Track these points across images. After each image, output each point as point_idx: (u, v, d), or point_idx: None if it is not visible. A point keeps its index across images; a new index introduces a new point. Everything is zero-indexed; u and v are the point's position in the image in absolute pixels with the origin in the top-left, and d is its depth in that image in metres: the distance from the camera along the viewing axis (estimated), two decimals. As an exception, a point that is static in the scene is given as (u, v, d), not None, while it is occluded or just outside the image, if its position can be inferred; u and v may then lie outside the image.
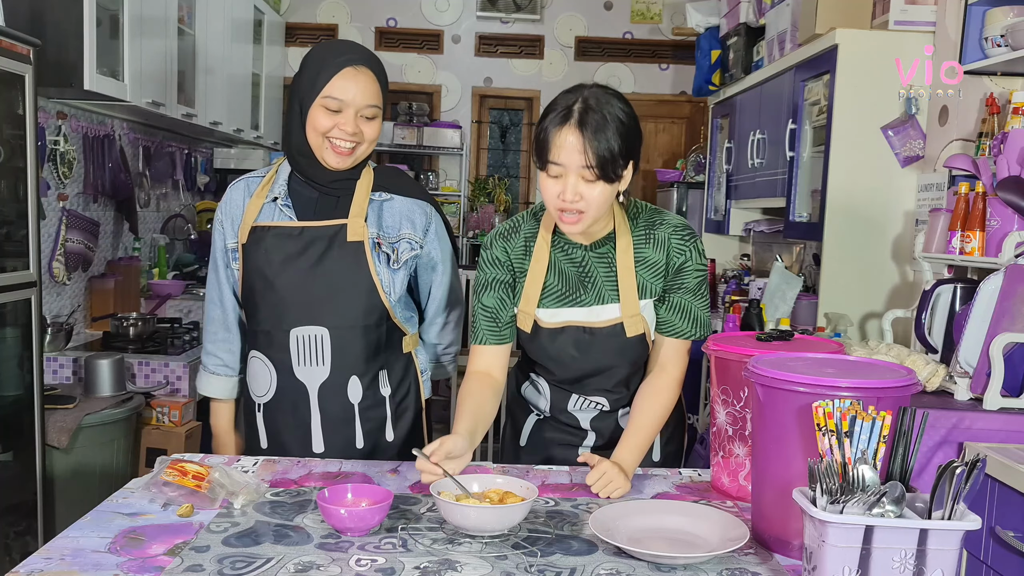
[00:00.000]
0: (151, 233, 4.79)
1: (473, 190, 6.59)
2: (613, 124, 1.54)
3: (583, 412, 1.83)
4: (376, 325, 1.86)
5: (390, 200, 1.88)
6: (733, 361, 1.60)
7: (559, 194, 1.56)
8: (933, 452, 2.06)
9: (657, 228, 1.71)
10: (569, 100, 1.56)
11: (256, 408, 1.92)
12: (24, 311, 2.80)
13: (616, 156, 1.54)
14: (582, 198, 1.56)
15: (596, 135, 1.52)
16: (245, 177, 1.93)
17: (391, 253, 1.85)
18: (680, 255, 1.70)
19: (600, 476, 1.59)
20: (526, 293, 1.73)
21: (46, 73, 2.96)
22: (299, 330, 1.83)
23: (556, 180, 1.57)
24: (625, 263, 1.69)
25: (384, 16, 6.42)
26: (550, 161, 1.56)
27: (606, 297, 1.72)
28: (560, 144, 1.54)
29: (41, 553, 1.30)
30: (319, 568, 1.26)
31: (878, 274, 3.05)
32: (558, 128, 1.54)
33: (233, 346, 1.97)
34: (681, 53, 6.28)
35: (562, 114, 1.55)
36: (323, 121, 1.76)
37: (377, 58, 1.84)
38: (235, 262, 1.88)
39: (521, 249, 1.74)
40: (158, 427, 3.43)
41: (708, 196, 4.75)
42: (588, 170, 1.54)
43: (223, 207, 1.90)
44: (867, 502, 1.14)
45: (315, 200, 1.86)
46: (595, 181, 1.55)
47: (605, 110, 1.54)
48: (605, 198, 1.58)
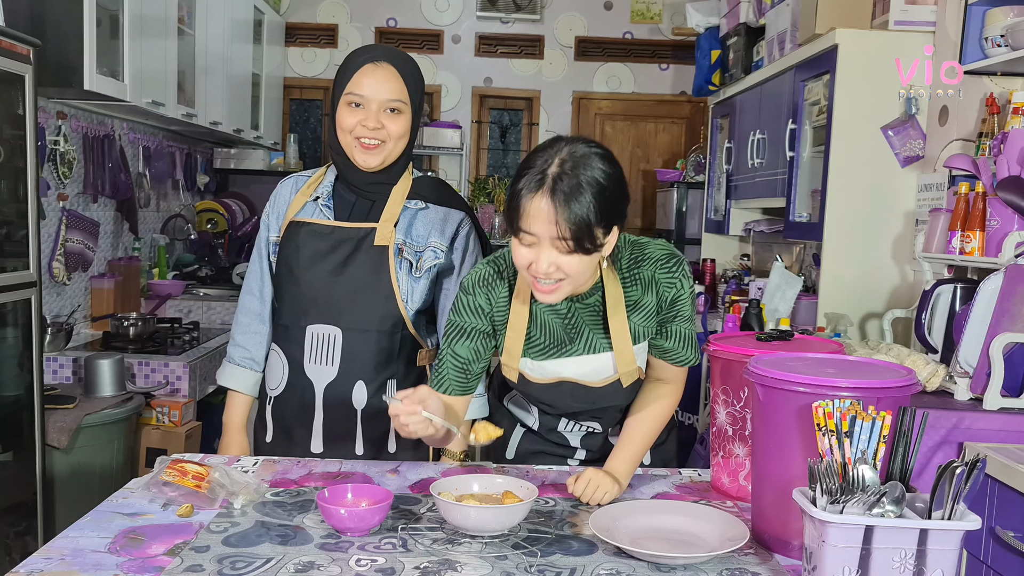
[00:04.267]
0: (151, 233, 4.79)
1: (473, 190, 6.59)
2: (590, 190, 1.40)
3: (573, 433, 1.80)
4: (391, 332, 1.85)
5: (425, 209, 1.89)
6: (733, 361, 1.60)
7: (531, 264, 1.45)
8: (933, 452, 2.06)
9: (641, 267, 1.59)
10: (545, 161, 1.42)
11: (267, 400, 1.94)
12: (24, 311, 2.80)
13: (592, 226, 1.40)
14: (558, 268, 1.44)
15: (570, 204, 1.38)
16: (295, 175, 1.97)
17: (414, 261, 1.85)
18: (670, 288, 1.59)
19: (586, 484, 1.55)
20: (508, 348, 1.63)
21: (46, 73, 2.96)
22: (315, 328, 1.85)
23: (529, 248, 1.45)
24: (618, 316, 1.58)
25: (384, 16, 6.42)
26: (522, 229, 1.43)
27: (597, 346, 1.62)
28: (532, 213, 1.41)
29: (41, 553, 1.30)
30: (319, 568, 1.26)
31: (878, 274, 3.05)
32: (531, 194, 1.41)
33: (264, 339, 1.97)
34: (681, 53, 6.27)
35: (537, 178, 1.41)
36: (348, 119, 1.79)
37: (405, 56, 1.84)
38: (274, 255, 1.92)
39: (505, 300, 1.62)
40: (158, 427, 3.43)
41: (708, 196, 4.75)
42: (562, 242, 1.41)
43: (272, 201, 1.95)
44: (867, 502, 1.14)
45: (353, 203, 1.88)
46: (572, 253, 1.43)
47: (582, 175, 1.40)
48: (584, 267, 1.46)
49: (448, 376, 1.64)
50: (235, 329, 1.99)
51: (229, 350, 1.99)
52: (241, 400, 1.98)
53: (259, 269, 1.96)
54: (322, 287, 1.84)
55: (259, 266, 1.96)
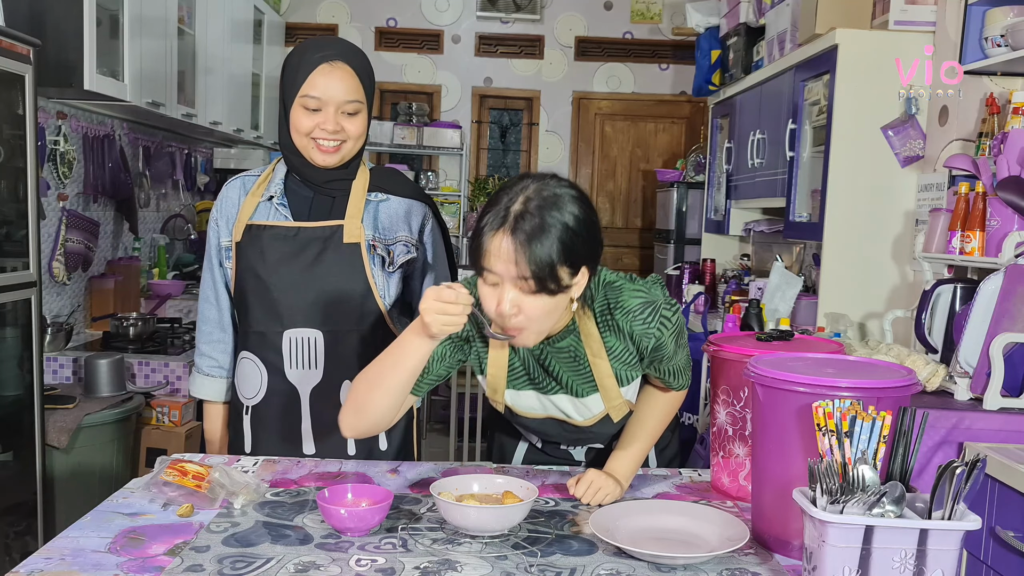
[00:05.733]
0: (151, 233, 4.79)
1: (473, 190, 6.59)
2: (554, 230, 1.34)
3: (578, 451, 1.80)
4: (371, 330, 1.83)
5: (386, 201, 1.86)
6: (733, 361, 1.60)
7: (496, 305, 1.38)
8: (933, 452, 2.06)
9: (615, 314, 1.51)
10: (510, 199, 1.37)
11: (244, 410, 1.90)
12: (24, 311, 2.80)
13: (555, 266, 1.34)
14: (520, 311, 1.37)
15: (531, 243, 1.33)
16: (241, 175, 1.91)
17: (386, 256, 1.83)
18: (649, 339, 1.52)
19: (587, 485, 1.55)
20: (491, 384, 1.60)
21: (46, 73, 2.96)
22: (292, 332, 1.81)
23: (493, 288, 1.38)
24: (600, 359, 1.53)
25: (384, 16, 6.42)
26: (484, 268, 1.38)
27: (578, 391, 1.57)
28: (493, 251, 1.35)
29: (41, 553, 1.30)
30: (319, 568, 1.26)
31: (878, 274, 3.05)
32: (492, 232, 1.36)
33: (228, 347, 1.94)
34: (681, 53, 6.28)
35: (500, 216, 1.36)
36: (304, 121, 1.74)
37: (357, 51, 1.80)
38: (228, 261, 1.86)
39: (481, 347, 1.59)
40: (158, 427, 3.44)
41: (708, 196, 4.75)
42: (524, 281, 1.35)
43: (219, 205, 1.89)
44: (867, 502, 1.14)
45: (310, 200, 1.84)
46: (536, 294, 1.36)
47: (547, 215, 1.34)
48: (549, 310, 1.39)
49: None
50: (198, 338, 1.95)
51: (196, 360, 1.96)
52: (218, 409, 1.97)
53: (212, 277, 1.91)
54: (294, 291, 1.79)
55: (211, 274, 1.90)
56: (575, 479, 1.57)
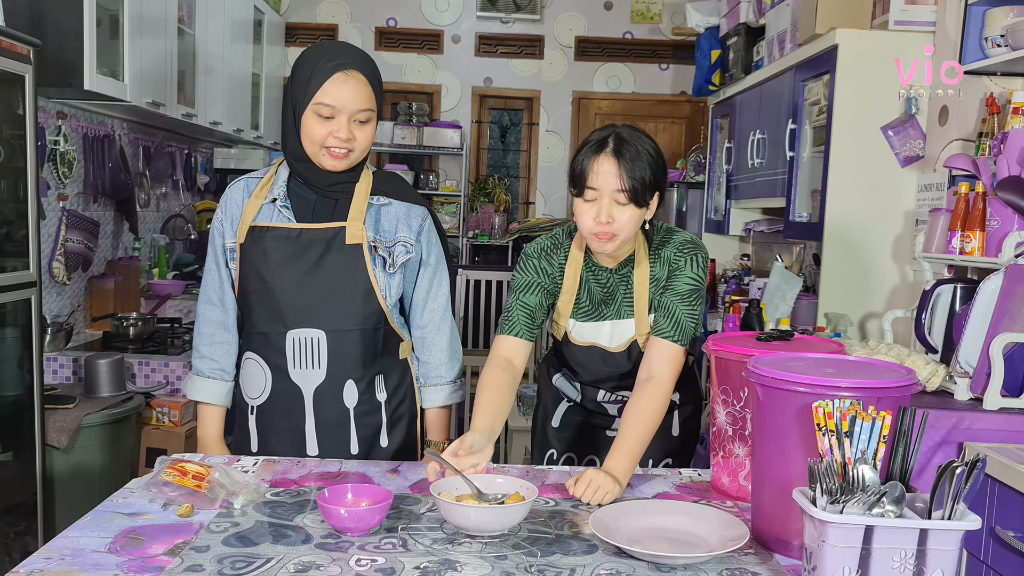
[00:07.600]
0: (151, 233, 4.79)
1: (473, 190, 6.59)
2: (646, 155, 1.73)
3: (610, 403, 1.98)
4: (374, 329, 1.86)
5: (388, 204, 1.88)
6: (733, 361, 1.60)
7: (595, 216, 1.71)
8: (933, 452, 2.05)
9: (664, 247, 1.85)
10: (604, 134, 1.74)
11: (249, 410, 1.91)
12: (24, 311, 2.80)
13: (647, 184, 1.72)
14: (614, 220, 1.71)
15: (631, 163, 1.70)
16: (244, 177, 1.92)
17: (387, 257, 1.85)
18: (677, 263, 1.84)
19: (587, 485, 1.56)
20: (560, 308, 1.91)
21: (46, 73, 2.96)
22: (296, 332, 1.83)
23: (591, 204, 1.72)
24: (641, 288, 1.85)
25: (384, 16, 6.42)
26: (587, 186, 1.72)
27: (623, 312, 1.89)
28: (597, 170, 1.71)
29: (41, 553, 1.30)
30: (319, 568, 1.26)
31: (878, 274, 3.05)
32: (595, 156, 1.72)
33: (232, 348, 1.93)
34: (681, 53, 6.28)
35: (598, 144, 1.73)
36: (317, 129, 1.75)
37: (369, 59, 1.82)
38: (233, 262, 1.87)
39: (560, 267, 1.90)
40: (158, 427, 3.44)
41: (708, 196, 4.75)
42: (622, 193, 1.70)
43: (222, 207, 1.89)
44: (867, 502, 1.14)
45: (313, 202, 1.85)
46: (626, 204, 1.71)
47: (637, 144, 1.72)
48: (635, 222, 1.74)
49: (518, 319, 1.86)
50: (198, 340, 1.93)
51: (195, 363, 1.94)
52: (215, 412, 1.94)
53: (217, 278, 1.90)
54: (297, 291, 1.81)
55: (216, 274, 1.90)
56: (574, 479, 1.58)
